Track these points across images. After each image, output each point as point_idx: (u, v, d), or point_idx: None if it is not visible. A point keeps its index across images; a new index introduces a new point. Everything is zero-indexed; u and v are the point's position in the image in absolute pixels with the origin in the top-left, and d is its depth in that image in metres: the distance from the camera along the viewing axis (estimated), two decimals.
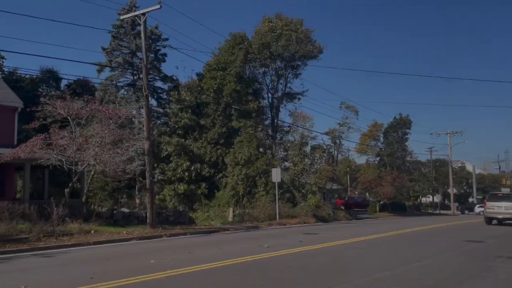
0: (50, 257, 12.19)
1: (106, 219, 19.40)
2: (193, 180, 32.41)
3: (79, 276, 8.90)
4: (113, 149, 18.86)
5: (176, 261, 10.81)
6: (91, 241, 15.23)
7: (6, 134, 20.33)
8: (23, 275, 9.26)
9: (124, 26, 33.22)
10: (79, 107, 18.95)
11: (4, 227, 14.77)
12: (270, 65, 39.93)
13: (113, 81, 33.73)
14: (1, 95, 20.85)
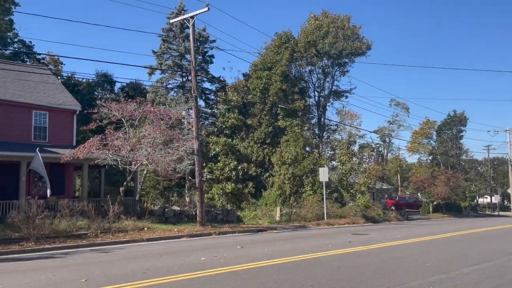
0: (107, 253, 12.81)
1: (158, 217, 20.09)
2: (240, 179, 32.76)
3: (133, 271, 9.29)
4: (164, 149, 19.48)
5: (225, 259, 11.00)
6: (145, 238, 15.84)
7: (66, 136, 21.58)
8: (83, 270, 9.79)
9: (173, 30, 34.20)
10: (132, 109, 19.74)
11: (65, 224, 15.72)
12: (316, 63, 39.54)
13: (163, 83, 34.83)
14: (61, 99, 22.17)
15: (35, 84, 22.34)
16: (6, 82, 21.10)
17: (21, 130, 20.05)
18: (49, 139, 20.93)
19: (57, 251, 13.10)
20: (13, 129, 19.82)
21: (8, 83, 21.09)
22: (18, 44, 42.65)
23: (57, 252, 12.98)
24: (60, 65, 44.74)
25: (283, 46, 36.83)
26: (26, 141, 19.94)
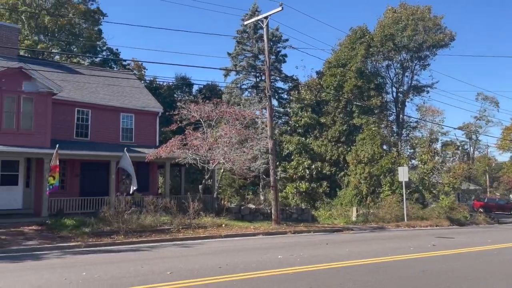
0: (188, 247, 13.41)
1: (235, 214, 20.59)
2: (314, 178, 32.46)
3: (213, 266, 9.62)
4: (240, 148, 19.92)
5: (302, 258, 10.95)
6: (222, 234, 16.33)
7: (150, 136, 23.00)
8: (167, 263, 10.35)
9: (247, 31, 34.86)
10: (209, 109, 20.46)
11: (150, 219, 16.71)
12: (394, 58, 37.91)
13: (238, 84, 35.65)
14: (145, 102, 23.67)
15: (122, 88, 24.07)
16: (98, 87, 22.99)
17: (110, 131, 21.72)
18: (135, 140, 22.43)
19: (143, 245, 13.99)
20: (104, 130, 21.51)
21: (99, 89, 22.96)
22: (106, 52, 46.25)
23: (143, 245, 13.85)
24: (143, 70, 47.71)
25: (358, 41, 35.80)
26: (115, 142, 21.55)
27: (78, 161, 19.83)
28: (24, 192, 18.77)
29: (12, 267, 9.89)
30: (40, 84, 17.81)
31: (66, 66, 25.77)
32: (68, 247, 13.15)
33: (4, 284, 7.68)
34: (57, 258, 11.15)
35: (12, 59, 21.18)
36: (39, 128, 17.81)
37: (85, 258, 11.28)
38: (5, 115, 17.19)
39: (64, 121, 20.09)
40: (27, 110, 17.67)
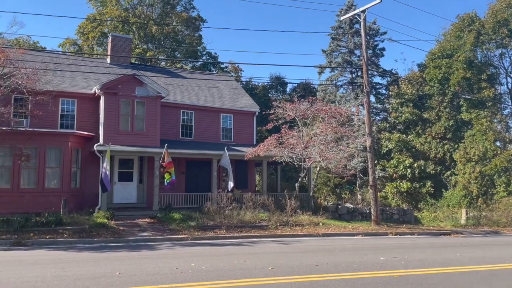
0: (286, 244, 13.58)
1: (332, 213, 20.33)
2: (417, 177, 30.60)
3: (313, 264, 9.60)
4: (336, 146, 19.60)
5: (407, 261, 10.42)
6: (320, 233, 16.23)
7: (247, 135, 23.77)
8: (268, 258, 10.59)
9: (342, 27, 34.11)
10: (305, 108, 20.47)
11: (249, 215, 17.28)
12: (508, 45, 34.08)
13: (332, 81, 35.08)
14: (243, 102, 24.51)
15: (222, 90, 25.20)
16: (200, 90, 24.39)
17: (211, 131, 22.90)
18: (234, 139, 23.35)
19: (244, 240, 14.51)
20: (205, 130, 22.75)
21: (201, 91, 24.35)
22: (206, 56, 48.79)
23: (244, 240, 14.37)
24: (240, 71, 49.41)
25: (466, 29, 32.92)
26: (216, 141, 22.66)
27: (184, 159, 21.23)
28: (138, 187, 20.65)
29: (131, 255, 10.96)
30: (151, 89, 19.45)
31: (171, 71, 27.73)
32: (176, 239, 14.18)
33: (125, 271, 8.55)
34: (168, 249, 12.09)
35: (126, 67, 23.47)
36: (150, 129, 19.46)
37: (192, 250, 12.05)
38: (122, 118, 19.09)
39: (170, 122, 21.67)
40: (139, 113, 19.43)
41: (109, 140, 18.31)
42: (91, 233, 14.11)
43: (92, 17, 41.47)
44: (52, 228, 14.07)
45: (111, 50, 23.86)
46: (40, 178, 17.61)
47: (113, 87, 18.84)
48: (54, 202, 16.68)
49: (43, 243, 12.62)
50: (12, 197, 17.03)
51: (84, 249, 11.78)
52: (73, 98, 19.61)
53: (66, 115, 19.55)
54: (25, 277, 7.75)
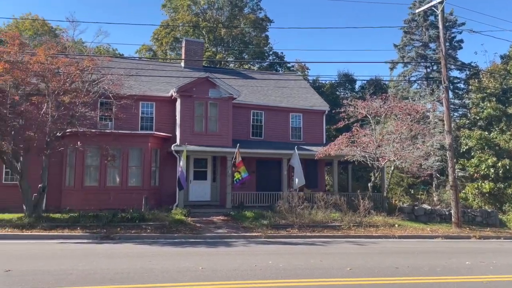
0: (361, 245, 13.31)
1: (408, 214, 19.54)
2: (501, 177, 28.32)
3: (390, 266, 9.33)
4: (412, 145, 18.81)
5: (496, 266, 9.77)
6: (396, 235, 15.69)
7: (317, 135, 23.60)
8: (344, 259, 10.48)
9: (416, 19, 32.60)
10: (377, 105, 19.88)
11: (321, 215, 17.16)
12: None
13: (405, 76, 33.66)
14: (312, 101, 24.38)
15: (291, 90, 25.28)
16: (269, 90, 24.66)
17: (281, 131, 23.06)
18: (303, 138, 23.31)
19: (316, 239, 14.46)
20: (275, 130, 22.96)
21: (270, 91, 24.61)
22: (272, 56, 49.18)
23: (317, 240, 14.32)
24: (307, 70, 49.16)
25: None
26: (285, 140, 22.78)
27: (254, 158, 21.61)
28: (212, 186, 21.38)
29: (210, 251, 11.40)
30: (223, 90, 20.05)
31: (241, 72, 28.32)
32: (250, 236, 14.49)
33: (207, 266, 8.93)
34: (243, 246, 12.40)
35: (198, 70, 24.40)
36: (223, 130, 20.07)
37: (267, 248, 12.25)
38: (196, 119, 19.89)
39: (241, 122, 22.16)
40: (212, 114, 20.11)
41: (185, 141, 19.16)
42: (171, 229, 14.87)
43: (165, 23, 43.59)
44: (136, 223, 15.04)
45: (185, 54, 24.95)
46: (124, 177, 18.90)
47: (188, 89, 19.69)
48: (135, 199, 17.84)
49: (129, 237, 13.54)
50: (99, 194, 18.47)
51: (166, 244, 12.46)
52: (152, 101, 20.80)
53: (145, 117, 20.79)
54: (118, 268, 8.39)
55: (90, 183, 18.70)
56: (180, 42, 44.32)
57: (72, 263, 8.88)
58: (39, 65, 13.68)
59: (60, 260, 9.32)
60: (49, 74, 14.04)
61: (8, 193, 18.28)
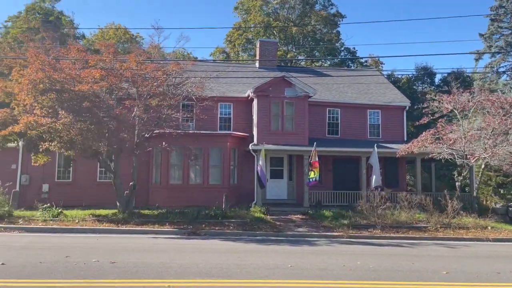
0: (451, 248, 12.56)
1: (501, 216, 18.12)
2: None
3: (492, 271, 8.69)
4: (506, 141, 17.38)
5: None
6: (490, 237, 14.60)
7: (397, 132, 22.66)
8: (438, 261, 9.98)
9: (504, 6, 30.08)
10: (465, 100, 18.64)
11: (404, 215, 16.46)
12: None
13: (493, 67, 31.20)
14: (391, 97, 23.47)
15: (367, 85, 24.57)
16: (344, 87, 24.18)
17: (358, 128, 22.49)
18: (382, 135, 22.53)
19: (401, 241, 13.89)
20: (352, 128, 22.45)
21: (346, 88, 24.12)
22: (344, 52, 48.16)
23: (402, 241, 13.75)
24: (381, 65, 47.46)
25: None
26: (363, 138, 22.20)
27: (331, 157, 21.31)
28: (288, 184, 21.47)
29: (294, 249, 11.46)
30: (299, 89, 20.04)
31: (314, 70, 28.12)
32: (331, 236, 14.32)
33: (295, 264, 8.98)
34: (327, 246, 12.29)
35: (273, 70, 24.62)
36: (299, 128, 20.07)
37: (351, 248, 12.03)
38: (273, 118, 20.09)
39: (317, 120, 21.97)
40: (288, 113, 20.18)
41: (262, 140, 19.45)
42: (253, 227, 15.16)
43: (237, 25, 44.55)
44: (219, 220, 15.55)
45: (260, 54, 25.30)
46: (205, 175, 19.64)
47: (265, 89, 19.95)
48: (215, 197, 18.46)
49: (214, 234, 14.04)
50: (182, 191, 19.38)
51: (249, 241, 12.74)
52: (230, 102, 21.38)
53: (223, 117, 21.43)
54: (212, 263, 8.73)
55: (174, 181, 19.70)
56: (252, 43, 45.10)
57: (168, 257, 9.42)
58: (131, 71, 14.67)
59: (157, 254, 9.92)
60: (139, 79, 15.00)
61: (102, 191, 19.84)
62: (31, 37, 16.80)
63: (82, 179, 20.01)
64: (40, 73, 12.83)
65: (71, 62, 14.34)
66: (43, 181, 19.79)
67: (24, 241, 11.39)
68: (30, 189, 19.56)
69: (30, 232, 13.42)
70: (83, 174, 19.90)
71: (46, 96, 13.46)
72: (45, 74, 12.88)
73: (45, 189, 19.65)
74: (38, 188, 19.65)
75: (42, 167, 18.96)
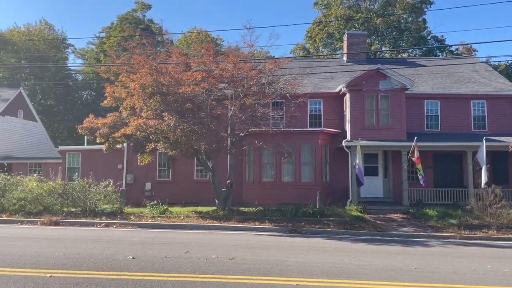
0: None
1: None
2: None
3: None
4: None
5: None
6: None
7: (506, 123, 20.49)
8: None
9: None
10: None
11: None
12: None
13: None
14: (497, 86, 21.34)
15: (469, 74, 22.70)
16: (442, 77, 22.55)
17: (460, 121, 20.81)
18: (488, 128, 20.64)
19: None
20: (453, 120, 20.82)
21: (443, 78, 22.49)
22: (431, 41, 45.27)
23: None
24: (473, 52, 43.88)
25: None
26: (466, 131, 20.50)
27: (430, 152, 19.99)
28: (383, 182, 20.56)
29: (408, 250, 10.82)
30: (395, 81, 19.07)
31: (406, 60, 26.70)
32: (442, 237, 13.37)
33: (418, 266, 8.42)
34: (441, 247, 11.47)
35: (361, 63, 23.76)
36: (395, 123, 19.07)
37: (470, 250, 11.13)
38: (367, 113, 19.34)
39: (413, 114, 20.71)
40: (383, 106, 19.28)
41: (355, 136, 18.82)
42: (354, 226, 14.69)
43: (318, 21, 43.88)
44: (318, 218, 15.30)
45: (347, 48, 24.56)
46: (297, 173, 19.49)
47: (358, 83, 19.26)
48: (307, 195, 18.24)
49: (315, 232, 13.81)
50: (275, 189, 19.41)
51: (355, 241, 12.31)
52: (320, 98, 20.99)
53: (313, 114, 21.11)
54: (328, 263, 8.49)
55: (267, 179, 19.82)
56: (333, 38, 44.17)
57: (281, 254, 9.39)
58: (229, 71, 14.97)
59: (268, 251, 9.93)
60: (236, 79, 15.26)
61: (198, 189, 20.59)
62: (132, 44, 17.81)
63: (181, 177, 20.92)
64: (148, 77, 13.58)
65: (173, 66, 14.98)
66: (145, 180, 21.05)
67: (141, 236, 12.09)
68: (134, 187, 20.91)
69: (142, 228, 14.27)
70: (182, 173, 20.79)
71: (153, 99, 14.20)
72: (152, 78, 13.59)
73: (148, 187, 20.87)
74: (141, 186, 20.93)
75: (144, 167, 20.18)
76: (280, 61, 16.77)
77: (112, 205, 16.38)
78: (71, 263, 7.88)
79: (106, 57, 22.46)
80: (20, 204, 15.19)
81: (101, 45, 46.28)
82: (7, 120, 26.04)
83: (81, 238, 11.45)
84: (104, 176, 17.74)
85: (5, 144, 25.49)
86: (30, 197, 15.22)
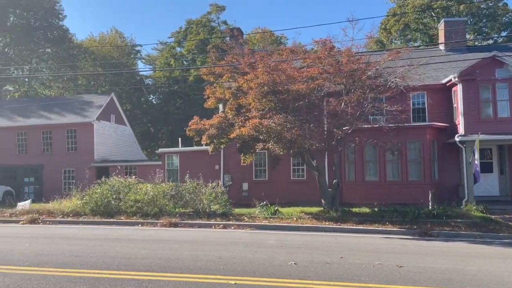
0: None
1: None
2: None
3: None
4: None
5: None
6: None
7: None
8: None
9: None
10: None
11: None
12: None
13: None
14: None
15: None
16: None
17: None
18: None
19: None
20: None
21: None
22: None
23: None
24: None
25: None
26: None
27: None
28: (499, 179, 18.86)
29: None
30: None
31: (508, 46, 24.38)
32: None
33: None
34: None
35: (462, 51, 22.07)
36: None
37: None
38: (482, 105, 17.78)
39: None
40: (502, 97, 17.63)
41: (470, 130, 17.37)
42: (488, 227, 13.43)
43: (392, 12, 41.90)
44: (443, 220, 14.15)
45: (445, 36, 22.92)
46: (403, 171, 18.34)
47: (471, 73, 17.75)
48: (415, 194, 17.10)
49: (448, 235, 12.73)
50: (379, 188, 18.39)
51: (501, 245, 11.18)
52: (423, 90, 19.65)
53: (416, 108, 19.84)
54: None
55: (370, 177, 18.88)
56: (410, 28, 41.99)
57: (441, 261, 8.55)
58: (344, 66, 14.29)
59: (420, 256, 9.13)
60: (354, 74, 14.53)
61: (295, 189, 20.11)
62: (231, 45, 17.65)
63: (277, 177, 20.52)
64: (265, 76, 13.23)
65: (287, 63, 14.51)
66: (242, 180, 20.91)
67: (272, 238, 11.72)
68: (232, 187, 20.83)
69: (258, 229, 13.93)
70: (278, 172, 20.36)
71: (267, 98, 13.84)
72: (269, 76, 13.23)
73: (245, 188, 20.72)
74: (238, 186, 20.82)
75: (240, 167, 20.05)
76: (400, 51, 15.72)
77: (220, 206, 16.27)
78: (244, 269, 7.56)
79: (207, 58, 22.35)
80: (137, 206, 15.47)
81: (171, 50, 47.37)
82: (102, 125, 27.15)
83: (214, 240, 11.27)
84: (204, 177, 17.75)
85: (102, 148, 26.59)
86: (146, 199, 15.46)
